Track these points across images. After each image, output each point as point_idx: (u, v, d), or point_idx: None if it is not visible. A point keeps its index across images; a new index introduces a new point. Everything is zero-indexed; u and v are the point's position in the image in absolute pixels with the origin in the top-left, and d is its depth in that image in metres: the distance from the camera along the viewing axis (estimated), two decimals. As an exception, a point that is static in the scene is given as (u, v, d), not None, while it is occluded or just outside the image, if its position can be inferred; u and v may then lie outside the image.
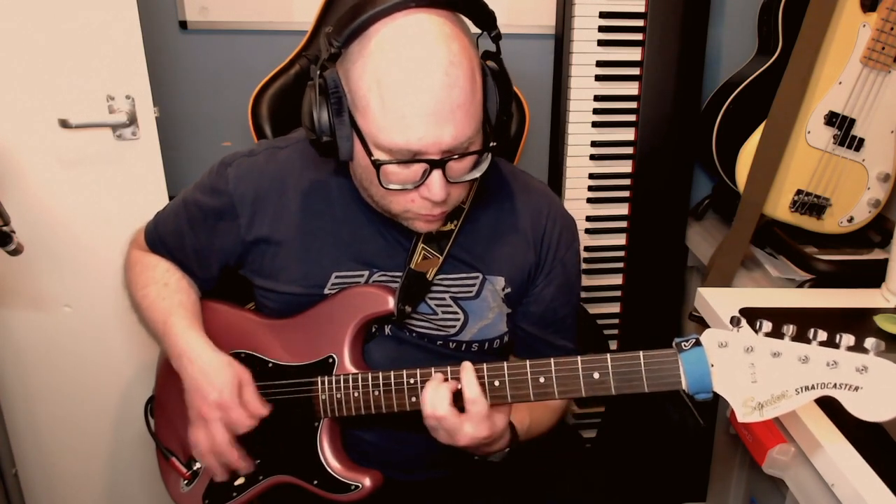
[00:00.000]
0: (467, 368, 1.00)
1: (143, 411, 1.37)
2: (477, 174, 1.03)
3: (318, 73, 0.99)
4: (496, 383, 1.01)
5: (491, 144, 1.03)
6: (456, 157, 0.99)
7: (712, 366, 0.90)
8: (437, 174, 0.98)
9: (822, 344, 0.87)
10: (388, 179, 1.00)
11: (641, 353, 0.94)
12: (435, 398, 1.00)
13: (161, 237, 1.27)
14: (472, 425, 0.99)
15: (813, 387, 0.87)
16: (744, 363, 0.89)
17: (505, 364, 1.01)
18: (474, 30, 1.02)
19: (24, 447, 1.83)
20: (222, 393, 1.09)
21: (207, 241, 1.21)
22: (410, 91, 0.93)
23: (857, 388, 0.86)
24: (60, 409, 1.80)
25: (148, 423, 1.35)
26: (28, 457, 1.84)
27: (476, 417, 0.99)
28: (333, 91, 0.98)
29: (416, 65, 0.93)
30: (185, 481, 1.25)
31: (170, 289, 1.22)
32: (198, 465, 1.24)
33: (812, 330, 0.87)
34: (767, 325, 0.89)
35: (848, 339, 0.86)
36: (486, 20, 1.02)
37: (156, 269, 1.25)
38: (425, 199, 1.01)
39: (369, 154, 0.98)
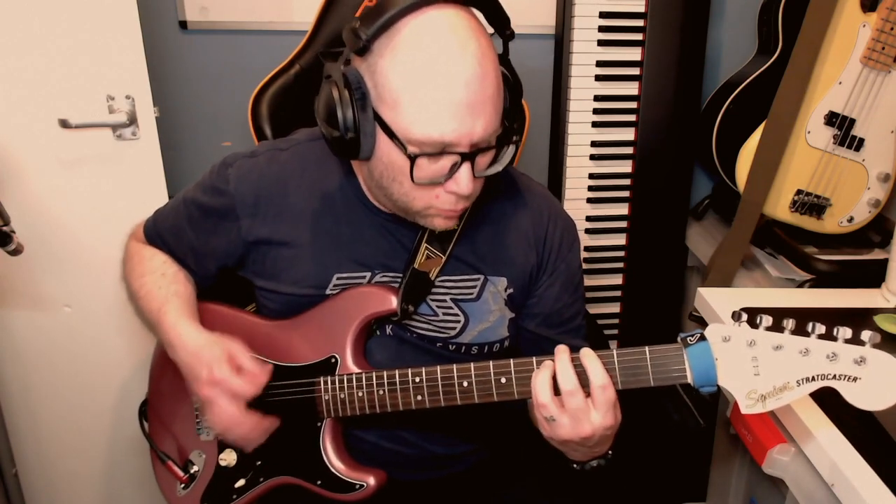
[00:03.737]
0: (590, 355, 0.96)
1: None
2: (499, 168, 1.04)
3: (342, 67, 0.99)
4: (503, 380, 1.01)
5: (514, 138, 1.04)
6: (486, 149, 0.99)
7: (716, 359, 0.92)
8: (465, 167, 0.98)
9: (820, 337, 0.89)
10: (418, 174, 0.99)
11: (647, 349, 0.95)
12: (564, 377, 0.95)
13: (160, 234, 1.27)
14: (599, 413, 0.96)
15: (813, 378, 0.89)
16: (747, 357, 0.91)
17: (511, 361, 1.01)
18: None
19: (24, 447, 1.82)
20: (212, 369, 1.07)
21: (207, 240, 1.21)
22: (446, 83, 0.93)
23: (855, 379, 0.88)
24: (60, 409, 1.80)
25: (142, 427, 1.34)
26: (28, 457, 1.84)
27: (605, 405, 0.95)
28: (357, 87, 0.98)
29: (451, 57, 0.93)
30: (182, 484, 1.25)
31: (166, 279, 1.22)
32: (195, 468, 1.24)
33: (811, 323, 0.89)
34: (768, 320, 0.90)
35: (845, 332, 0.88)
36: (502, 20, 1.03)
37: (153, 260, 1.26)
38: (451, 194, 1.01)
39: (403, 148, 0.97)
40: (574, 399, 0.95)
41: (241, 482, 1.20)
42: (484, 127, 0.96)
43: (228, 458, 1.21)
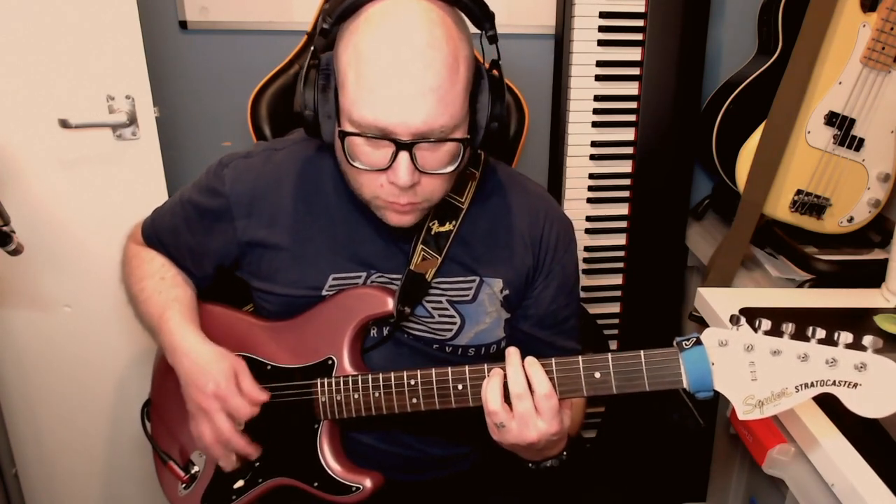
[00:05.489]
0: (534, 363, 0.98)
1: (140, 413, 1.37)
2: (450, 168, 1.02)
3: (312, 49, 1.01)
4: None
5: (465, 137, 1.01)
6: (426, 142, 0.97)
7: (713, 364, 0.91)
8: (404, 157, 0.97)
9: (820, 342, 0.88)
10: (356, 157, 1.00)
11: (643, 353, 0.95)
12: (514, 381, 0.98)
13: (157, 234, 1.27)
14: (544, 421, 0.97)
15: (812, 384, 0.88)
16: (744, 361, 0.90)
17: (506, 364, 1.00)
18: (473, 30, 1.03)
19: (24, 447, 1.83)
20: (219, 383, 1.08)
21: (203, 240, 1.22)
22: (384, 67, 0.93)
23: (855, 385, 0.87)
24: (60, 409, 1.80)
25: (144, 427, 1.34)
26: (28, 457, 1.84)
27: (549, 412, 0.97)
28: (324, 69, 1.00)
29: (394, 41, 0.93)
30: (183, 485, 1.25)
31: (166, 283, 1.22)
32: (196, 469, 1.24)
33: (811, 328, 0.88)
34: (767, 324, 0.90)
35: (846, 337, 0.87)
36: (483, 18, 1.03)
37: (152, 262, 1.26)
38: (392, 185, 1.01)
39: (339, 125, 0.99)
40: (522, 403, 0.97)
41: (239, 483, 1.20)
42: (424, 119, 0.95)
43: (228, 458, 1.21)
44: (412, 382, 1.06)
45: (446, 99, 0.96)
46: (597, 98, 1.84)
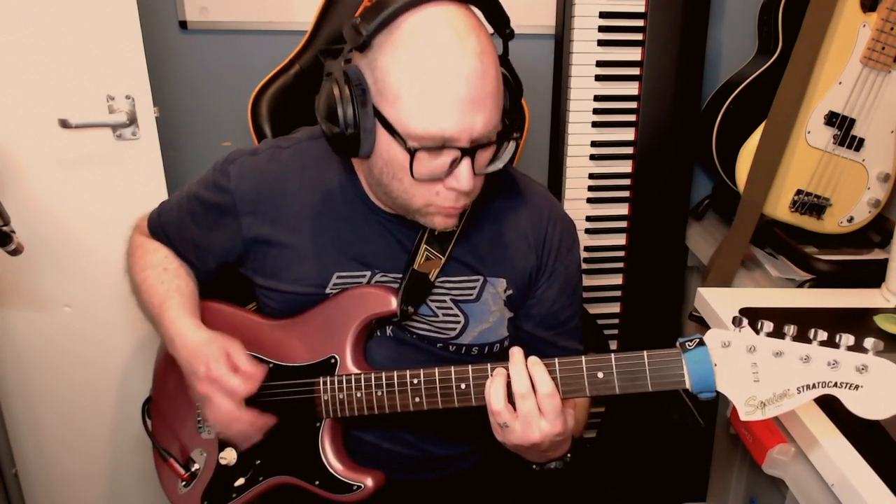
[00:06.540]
0: (537, 363, 0.99)
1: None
2: (500, 165, 1.04)
3: (342, 64, 0.99)
4: None
5: (514, 135, 1.04)
6: (488, 145, 0.99)
7: (715, 365, 0.91)
8: (466, 163, 0.98)
9: (822, 344, 0.88)
10: (418, 170, 0.99)
11: (645, 353, 0.95)
12: (518, 381, 0.98)
13: (163, 226, 1.27)
14: (547, 420, 0.98)
15: (814, 386, 0.88)
16: (746, 363, 0.90)
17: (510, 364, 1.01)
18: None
19: (24, 447, 1.83)
20: (209, 365, 1.08)
21: (208, 235, 1.22)
22: (446, 78, 0.93)
23: (857, 387, 0.87)
24: (60, 409, 1.80)
25: (145, 424, 1.35)
26: (28, 457, 1.84)
27: (552, 412, 0.98)
28: (357, 83, 0.98)
29: (451, 52, 0.93)
30: (183, 482, 1.25)
31: (169, 273, 1.23)
32: (196, 466, 1.24)
33: (812, 330, 0.88)
34: (769, 326, 0.90)
35: (848, 339, 0.88)
36: (501, 19, 1.03)
37: (156, 253, 1.27)
38: (451, 190, 1.01)
39: (403, 142, 0.97)
40: (525, 403, 0.97)
41: (240, 481, 1.21)
42: (484, 123, 0.96)
43: (228, 456, 1.21)
44: (415, 381, 1.06)
45: (497, 102, 0.98)
46: (597, 98, 1.84)
